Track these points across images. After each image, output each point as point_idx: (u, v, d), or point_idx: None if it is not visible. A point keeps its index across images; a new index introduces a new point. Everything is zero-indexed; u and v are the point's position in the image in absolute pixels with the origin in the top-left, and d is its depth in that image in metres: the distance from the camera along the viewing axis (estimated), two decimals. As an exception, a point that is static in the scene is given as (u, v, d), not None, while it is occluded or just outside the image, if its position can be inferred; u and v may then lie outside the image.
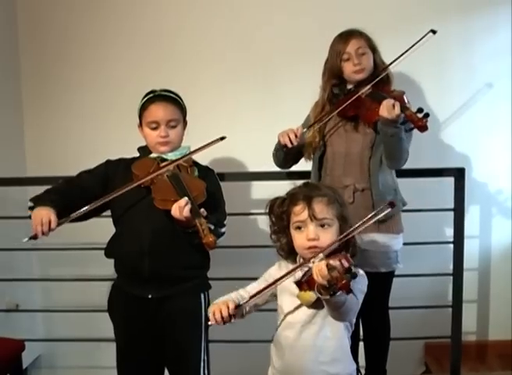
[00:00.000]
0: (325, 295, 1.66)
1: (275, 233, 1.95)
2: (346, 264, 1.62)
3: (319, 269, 1.63)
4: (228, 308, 1.81)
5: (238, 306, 1.83)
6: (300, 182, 2.00)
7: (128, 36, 3.26)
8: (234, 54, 3.24)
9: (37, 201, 2.16)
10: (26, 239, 2.08)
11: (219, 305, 1.83)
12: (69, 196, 2.20)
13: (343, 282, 1.57)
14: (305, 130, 2.50)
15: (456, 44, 3.18)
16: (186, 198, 2.03)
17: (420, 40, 2.48)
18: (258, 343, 2.32)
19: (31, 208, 2.15)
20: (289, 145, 2.44)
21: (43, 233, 2.07)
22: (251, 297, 1.84)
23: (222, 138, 2.20)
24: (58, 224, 2.09)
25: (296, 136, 2.44)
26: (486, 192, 3.26)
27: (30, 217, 3.23)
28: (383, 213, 1.81)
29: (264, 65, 3.24)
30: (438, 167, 2.92)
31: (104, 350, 2.92)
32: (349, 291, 1.60)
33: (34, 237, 2.08)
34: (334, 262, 1.62)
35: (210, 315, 1.83)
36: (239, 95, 3.26)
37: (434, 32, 2.48)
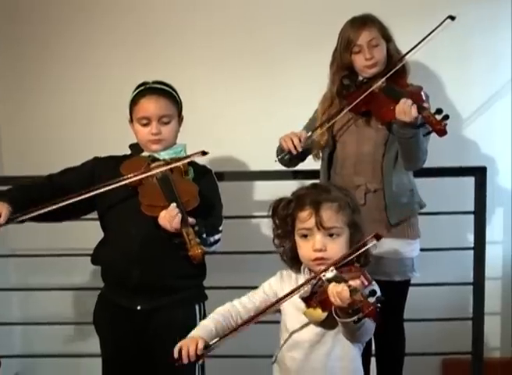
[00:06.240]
0: (345, 318, 1.61)
1: (278, 237, 1.92)
2: (365, 282, 1.60)
3: (339, 291, 1.58)
4: (196, 346, 1.72)
5: (207, 347, 1.74)
6: (307, 182, 1.96)
7: (115, 25, 3.22)
8: (235, 40, 3.19)
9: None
10: None
11: (187, 341, 1.75)
12: (37, 193, 2.17)
13: (370, 309, 1.50)
14: (310, 133, 2.47)
15: (479, 33, 3.11)
16: (175, 206, 1.99)
17: (437, 27, 2.44)
18: (259, 358, 2.30)
19: None
20: (294, 152, 2.42)
21: None
22: (234, 329, 1.78)
23: (204, 153, 2.17)
24: (8, 220, 2.07)
25: (300, 140, 2.42)
26: (510, 193, 3.23)
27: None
28: (370, 245, 1.75)
29: (269, 52, 3.18)
30: (457, 166, 2.89)
31: (88, 366, 2.90)
32: (377, 319, 1.53)
33: None
34: (354, 283, 1.59)
35: (175, 351, 1.74)
36: (240, 85, 3.22)
37: (452, 18, 2.43)
